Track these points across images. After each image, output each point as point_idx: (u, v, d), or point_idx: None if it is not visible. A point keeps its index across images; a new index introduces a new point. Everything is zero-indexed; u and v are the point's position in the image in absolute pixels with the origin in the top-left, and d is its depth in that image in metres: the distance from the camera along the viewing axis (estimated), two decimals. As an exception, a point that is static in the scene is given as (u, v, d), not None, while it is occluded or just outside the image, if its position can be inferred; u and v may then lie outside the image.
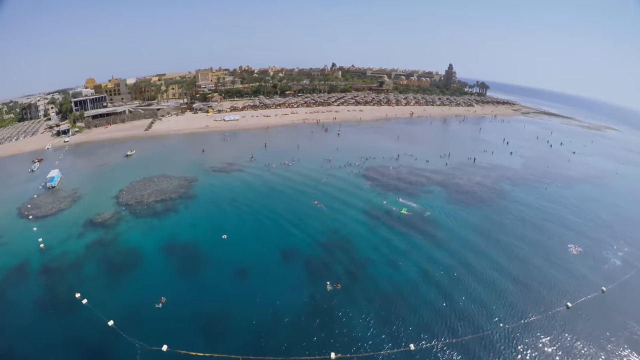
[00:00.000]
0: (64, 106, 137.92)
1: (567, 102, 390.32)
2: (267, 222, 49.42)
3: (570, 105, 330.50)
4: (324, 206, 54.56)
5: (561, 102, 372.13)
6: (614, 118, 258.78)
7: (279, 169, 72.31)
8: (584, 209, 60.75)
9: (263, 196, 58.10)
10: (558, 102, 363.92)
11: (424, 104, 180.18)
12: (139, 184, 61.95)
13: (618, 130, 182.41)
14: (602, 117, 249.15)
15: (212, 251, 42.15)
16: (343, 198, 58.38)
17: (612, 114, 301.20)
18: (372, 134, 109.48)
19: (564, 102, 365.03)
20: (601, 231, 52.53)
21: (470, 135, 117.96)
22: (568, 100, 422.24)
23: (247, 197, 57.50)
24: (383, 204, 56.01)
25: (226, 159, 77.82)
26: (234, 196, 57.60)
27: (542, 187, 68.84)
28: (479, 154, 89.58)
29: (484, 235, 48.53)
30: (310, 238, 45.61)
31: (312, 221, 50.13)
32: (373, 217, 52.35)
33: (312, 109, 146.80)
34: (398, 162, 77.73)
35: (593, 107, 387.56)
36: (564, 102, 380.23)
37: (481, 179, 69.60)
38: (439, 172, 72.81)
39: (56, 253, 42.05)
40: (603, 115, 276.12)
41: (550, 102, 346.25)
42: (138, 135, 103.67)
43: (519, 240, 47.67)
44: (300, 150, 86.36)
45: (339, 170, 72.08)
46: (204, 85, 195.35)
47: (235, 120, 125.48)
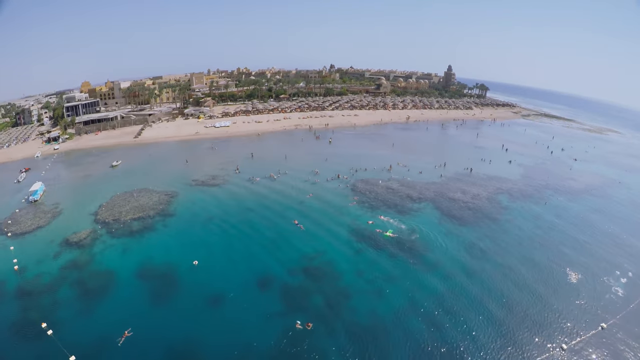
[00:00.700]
0: (56, 112, 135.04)
1: (568, 103, 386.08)
2: (244, 244, 46.43)
3: (571, 107, 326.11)
4: (305, 226, 51.38)
5: (562, 103, 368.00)
6: (615, 119, 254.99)
7: (263, 183, 68.72)
8: (585, 226, 57.13)
9: (243, 214, 55.11)
10: (559, 103, 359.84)
11: (421, 107, 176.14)
12: (119, 199, 59.33)
13: (620, 132, 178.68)
14: (603, 119, 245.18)
15: (185, 277, 39.73)
16: (327, 217, 54.98)
17: (613, 115, 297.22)
18: (365, 141, 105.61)
19: (565, 104, 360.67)
20: (603, 252, 48.99)
21: (468, 141, 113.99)
22: (569, 101, 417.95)
23: (226, 215, 54.58)
24: (369, 224, 52.24)
25: (210, 171, 74.65)
26: (213, 214, 54.65)
27: (542, 202, 64.96)
28: (476, 163, 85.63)
29: (477, 259, 44.94)
30: (289, 263, 42.55)
31: (292, 244, 47.13)
32: (357, 238, 48.90)
33: (305, 114, 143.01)
34: (389, 175, 73.78)
35: (594, 107, 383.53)
36: (565, 103, 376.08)
37: (477, 193, 65.65)
38: (432, 185, 68.85)
39: (30, 275, 40.48)
40: (604, 116, 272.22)
41: (551, 103, 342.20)
42: (127, 143, 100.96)
43: (514, 266, 44.00)
44: (287, 161, 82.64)
45: (326, 184, 68.29)
46: (198, 89, 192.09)
47: (226, 127, 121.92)
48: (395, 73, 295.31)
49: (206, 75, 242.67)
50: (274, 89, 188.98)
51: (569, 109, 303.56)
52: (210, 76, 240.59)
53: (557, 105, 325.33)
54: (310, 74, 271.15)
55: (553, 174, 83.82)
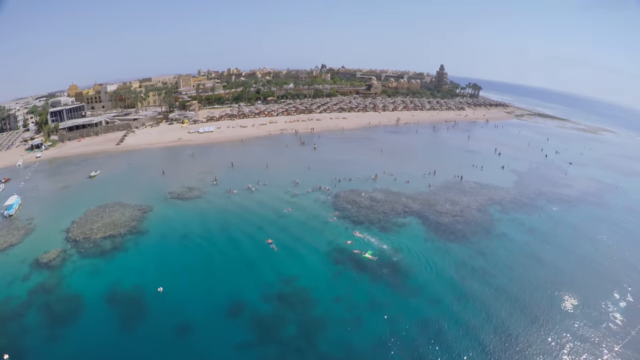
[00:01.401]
0: (41, 117, 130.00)
1: (561, 101, 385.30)
2: (216, 267, 43.23)
3: (564, 105, 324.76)
4: (280, 246, 47.26)
5: (555, 101, 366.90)
6: (609, 118, 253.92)
7: (240, 196, 64.08)
8: (582, 240, 53.36)
9: (216, 233, 51.25)
10: (552, 101, 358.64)
11: (412, 108, 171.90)
12: (93, 215, 55.82)
13: (614, 132, 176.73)
14: (597, 118, 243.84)
15: (153, 302, 37.20)
16: (305, 235, 50.65)
17: (606, 113, 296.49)
18: (352, 147, 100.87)
19: (558, 102, 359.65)
20: (601, 269, 45.43)
21: (459, 144, 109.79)
22: (562, 99, 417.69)
23: (199, 234, 50.59)
24: (347, 244, 47.73)
25: (188, 182, 70.24)
26: (186, 232, 50.93)
27: (536, 214, 60.83)
28: (467, 170, 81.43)
29: (465, 281, 41.03)
30: (262, 287, 39.35)
31: (266, 266, 43.26)
32: (336, 260, 44.73)
33: (292, 118, 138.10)
34: (374, 185, 69.10)
35: (587, 105, 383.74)
36: (558, 101, 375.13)
37: (467, 204, 61.26)
38: (419, 196, 64.30)
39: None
40: (598, 115, 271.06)
41: (544, 101, 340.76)
42: (108, 150, 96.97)
43: (506, 288, 40.31)
44: (269, 170, 77.86)
45: (306, 196, 63.58)
46: (185, 92, 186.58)
47: (210, 132, 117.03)
48: (386, 73, 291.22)
49: (194, 77, 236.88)
50: (262, 91, 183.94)
51: (563, 107, 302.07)
52: (197, 78, 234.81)
53: (551, 104, 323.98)
54: (300, 74, 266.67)
55: (548, 180, 79.91)
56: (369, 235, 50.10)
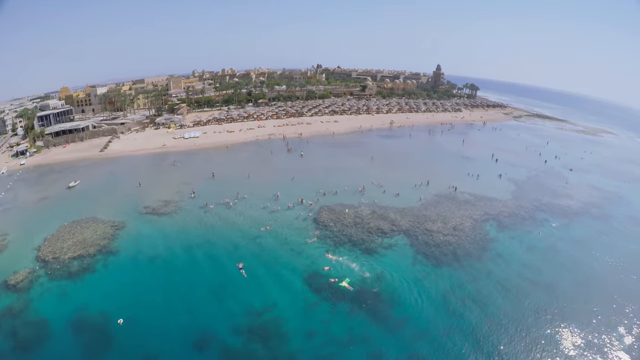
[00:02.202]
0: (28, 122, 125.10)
1: (559, 100, 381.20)
2: (185, 294, 39.75)
3: (562, 105, 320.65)
4: (253, 272, 43.15)
5: (553, 101, 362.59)
6: (607, 118, 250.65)
7: (217, 211, 59.41)
8: (584, 262, 48.96)
9: (187, 254, 47.52)
10: (550, 101, 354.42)
11: (407, 110, 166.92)
12: (65, 231, 52.69)
13: (613, 133, 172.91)
14: (595, 118, 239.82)
15: (118, 332, 34.83)
16: (280, 258, 46.15)
17: (603, 113, 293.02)
18: (342, 154, 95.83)
19: (556, 101, 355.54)
20: (604, 300, 40.90)
21: (454, 150, 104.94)
22: (560, 99, 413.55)
23: (170, 255, 47.02)
24: (325, 271, 43.05)
25: (165, 195, 65.84)
26: (157, 253, 47.52)
27: (535, 230, 56.23)
28: (462, 179, 76.70)
29: (454, 314, 36.95)
30: (232, 319, 36.02)
31: (237, 294, 39.78)
32: (313, 288, 40.53)
33: (282, 122, 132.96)
34: (361, 198, 64.11)
35: (583, 104, 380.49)
36: (556, 100, 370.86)
37: (460, 221, 56.45)
38: (409, 211, 59.43)
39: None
40: (596, 115, 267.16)
41: (541, 101, 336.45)
42: (92, 157, 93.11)
43: (499, 321, 36.27)
44: (250, 181, 73.00)
45: (287, 212, 58.77)
46: (175, 94, 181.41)
47: (195, 138, 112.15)
48: (382, 73, 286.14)
49: (185, 79, 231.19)
50: (253, 92, 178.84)
51: (561, 107, 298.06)
52: (189, 80, 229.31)
53: (548, 103, 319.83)
54: (295, 75, 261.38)
55: (547, 189, 75.29)
56: (348, 259, 45.50)
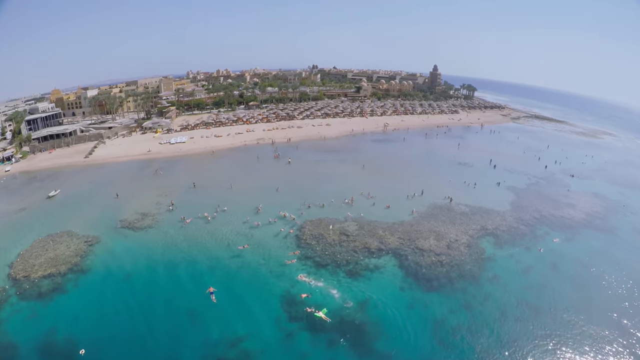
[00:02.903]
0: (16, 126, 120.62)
1: (557, 101, 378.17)
2: (151, 319, 36.82)
3: (560, 106, 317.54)
4: (225, 296, 39.39)
5: (550, 101, 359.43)
6: (605, 119, 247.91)
7: (194, 226, 55.08)
8: (588, 283, 44.83)
9: (159, 275, 43.78)
10: (547, 101, 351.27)
11: (402, 113, 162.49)
12: (39, 246, 49.63)
13: (613, 135, 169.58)
14: (593, 118, 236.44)
15: None
16: (255, 282, 42.02)
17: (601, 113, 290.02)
18: (331, 160, 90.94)
19: (553, 102, 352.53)
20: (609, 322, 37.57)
21: (451, 155, 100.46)
22: (556, 99, 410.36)
23: (141, 275, 43.83)
24: (303, 298, 38.66)
25: (143, 206, 61.84)
26: (128, 272, 44.37)
27: (535, 246, 51.91)
28: (458, 188, 72.36)
29: (443, 347, 33.40)
30: (200, 350, 33.12)
31: (208, 322, 36.10)
32: (290, 317, 36.77)
33: (272, 125, 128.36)
34: (349, 211, 59.52)
35: (581, 104, 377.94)
36: (554, 101, 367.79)
37: (455, 237, 51.99)
38: (399, 227, 54.88)
39: None
40: (594, 115, 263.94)
41: (539, 101, 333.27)
42: (75, 164, 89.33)
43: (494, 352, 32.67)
44: (232, 191, 68.56)
45: (267, 228, 54.27)
46: (165, 97, 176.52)
47: (182, 143, 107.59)
48: (378, 74, 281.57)
49: (177, 80, 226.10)
50: (245, 94, 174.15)
51: (559, 108, 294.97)
52: (181, 81, 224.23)
53: (546, 104, 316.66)
54: (289, 75, 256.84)
55: (548, 198, 71.02)
56: (329, 284, 41.14)
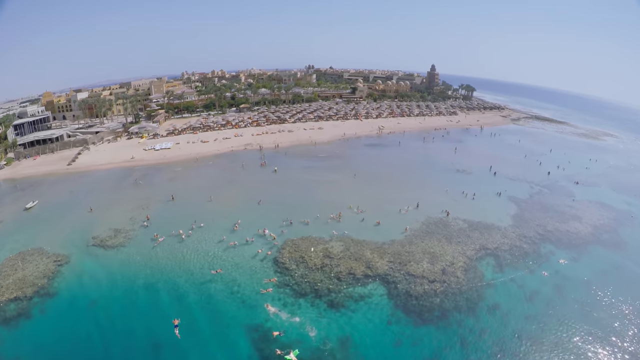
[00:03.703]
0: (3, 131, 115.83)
1: (556, 100, 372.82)
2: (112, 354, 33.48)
3: (560, 105, 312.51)
4: (191, 331, 34.88)
5: (550, 100, 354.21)
6: (605, 119, 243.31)
7: (167, 245, 50.18)
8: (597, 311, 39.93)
9: (124, 302, 39.83)
10: (547, 101, 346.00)
11: (398, 115, 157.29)
12: (8, 265, 46.40)
13: (615, 136, 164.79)
14: (594, 119, 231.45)
15: None
16: (225, 314, 37.35)
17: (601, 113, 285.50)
18: (321, 168, 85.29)
19: (553, 102, 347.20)
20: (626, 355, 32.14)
21: (449, 161, 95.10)
22: (556, 99, 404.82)
23: (106, 302, 40.09)
24: (274, 336, 33.61)
25: (117, 221, 57.28)
26: (95, 298, 40.72)
27: (539, 268, 46.94)
28: (456, 200, 67.24)
29: None
30: None
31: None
32: (262, 355, 32.35)
33: (261, 129, 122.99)
34: (335, 229, 54.15)
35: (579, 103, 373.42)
36: (553, 101, 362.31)
37: (451, 260, 46.75)
38: (389, 247, 49.62)
39: None
40: (595, 116, 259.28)
41: (539, 101, 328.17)
42: (57, 172, 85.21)
43: None
44: (211, 204, 63.55)
45: (244, 248, 49.18)
46: (156, 99, 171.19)
47: (167, 149, 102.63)
48: (375, 74, 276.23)
49: (169, 82, 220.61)
50: (236, 97, 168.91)
51: (559, 108, 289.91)
52: (172, 83, 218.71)
53: (545, 104, 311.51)
54: (283, 76, 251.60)
55: (553, 210, 65.97)
56: (306, 319, 36.06)
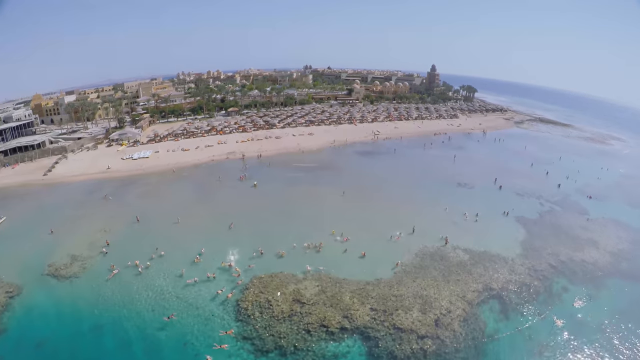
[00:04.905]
0: None
1: (558, 101, 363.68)
2: None
3: (563, 106, 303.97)
4: None
5: (552, 101, 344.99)
6: (611, 121, 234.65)
7: (121, 279, 43.39)
8: None
9: (67, 346, 34.24)
10: (549, 101, 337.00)
11: (396, 118, 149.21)
12: None
13: (622, 140, 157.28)
14: (600, 122, 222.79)
15: None
16: None
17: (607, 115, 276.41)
18: (305, 183, 76.49)
19: (555, 102, 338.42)
20: None
21: (449, 173, 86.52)
22: (558, 99, 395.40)
23: (52, 343, 34.57)
24: None
25: (76, 246, 50.38)
26: (42, 338, 35.23)
27: (550, 314, 39.03)
28: (456, 222, 59.13)
29: None
30: None
31: None
32: None
33: (247, 135, 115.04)
34: (311, 264, 46.01)
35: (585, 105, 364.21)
36: (555, 101, 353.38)
37: (447, 306, 38.73)
38: (374, 290, 41.34)
39: None
40: (599, 117, 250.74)
41: (541, 102, 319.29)
42: (32, 183, 78.60)
43: None
44: (178, 228, 56.12)
45: (204, 286, 41.59)
46: (143, 102, 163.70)
47: (145, 158, 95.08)
48: (373, 74, 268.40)
49: (158, 85, 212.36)
50: (226, 99, 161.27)
51: (562, 109, 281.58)
52: (161, 85, 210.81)
53: (548, 104, 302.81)
54: (279, 77, 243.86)
55: (566, 234, 58.12)
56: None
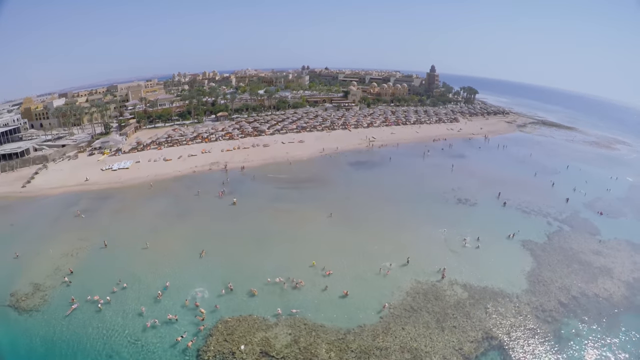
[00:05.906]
0: None
1: (559, 101, 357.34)
2: None
3: (565, 108, 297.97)
4: None
5: (553, 102, 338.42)
6: (615, 122, 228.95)
7: (79, 316, 38.33)
8: None
9: None
10: (550, 102, 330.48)
11: (393, 123, 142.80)
12: None
13: (628, 143, 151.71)
14: (603, 124, 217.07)
15: None
16: None
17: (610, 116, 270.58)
18: (291, 200, 69.46)
19: (556, 103, 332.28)
20: None
21: (449, 186, 79.49)
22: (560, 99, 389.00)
23: None
24: None
25: (38, 274, 45.59)
26: None
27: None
28: (455, 249, 52.74)
29: None
30: None
31: None
32: None
33: (234, 143, 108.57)
34: (287, 305, 39.85)
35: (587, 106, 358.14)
36: (556, 102, 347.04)
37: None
38: (355, 340, 34.83)
39: None
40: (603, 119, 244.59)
41: (543, 103, 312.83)
42: (9, 195, 73.96)
43: None
44: (145, 254, 50.13)
45: (163, 330, 35.59)
46: (132, 106, 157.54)
47: (124, 169, 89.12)
48: (371, 75, 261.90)
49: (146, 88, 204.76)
50: (216, 103, 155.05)
51: (564, 110, 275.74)
52: (151, 88, 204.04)
53: (550, 105, 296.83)
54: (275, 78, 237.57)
55: (577, 260, 51.97)
56: None
